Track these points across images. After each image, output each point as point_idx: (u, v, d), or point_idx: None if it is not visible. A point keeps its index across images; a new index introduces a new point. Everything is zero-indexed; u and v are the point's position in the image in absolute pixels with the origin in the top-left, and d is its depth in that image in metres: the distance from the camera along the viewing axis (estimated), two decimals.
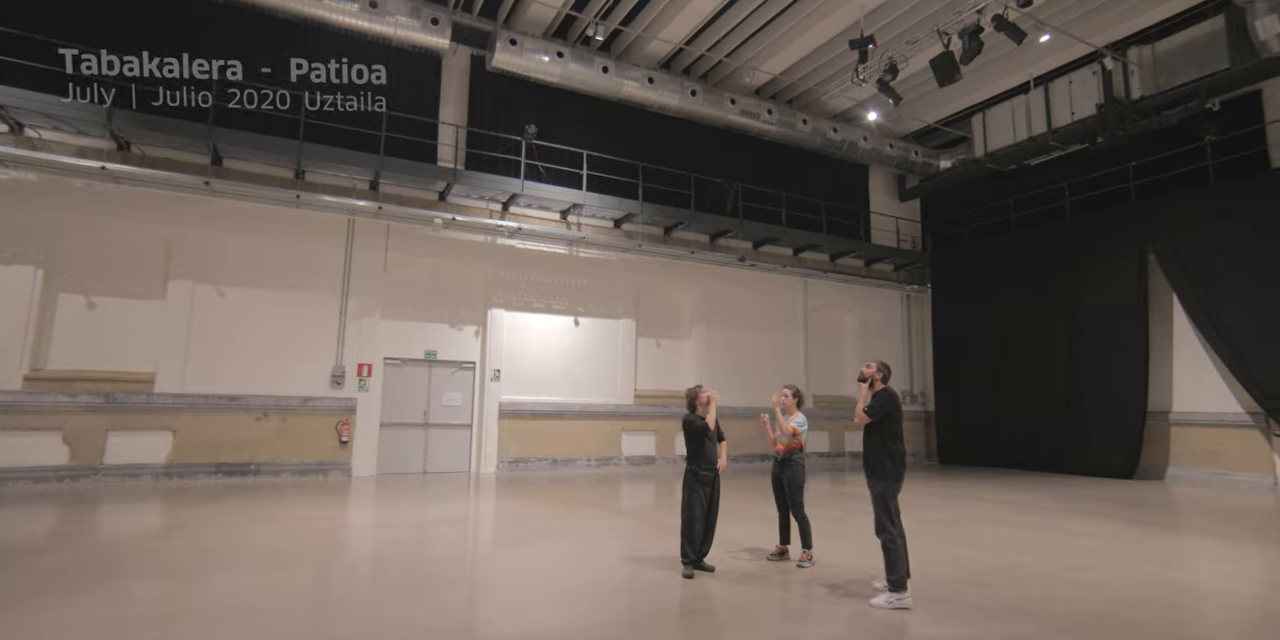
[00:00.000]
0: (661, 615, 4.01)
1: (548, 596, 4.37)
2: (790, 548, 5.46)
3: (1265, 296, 11.00)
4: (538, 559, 5.57)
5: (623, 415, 13.47)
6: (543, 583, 4.78)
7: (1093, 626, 3.80)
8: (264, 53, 10.84)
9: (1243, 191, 11.77)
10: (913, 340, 17.78)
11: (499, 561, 5.64)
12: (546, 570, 5.19)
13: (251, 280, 11.01)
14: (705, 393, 5.34)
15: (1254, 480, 11.49)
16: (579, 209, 13.15)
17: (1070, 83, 14.03)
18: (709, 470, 5.15)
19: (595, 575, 5.06)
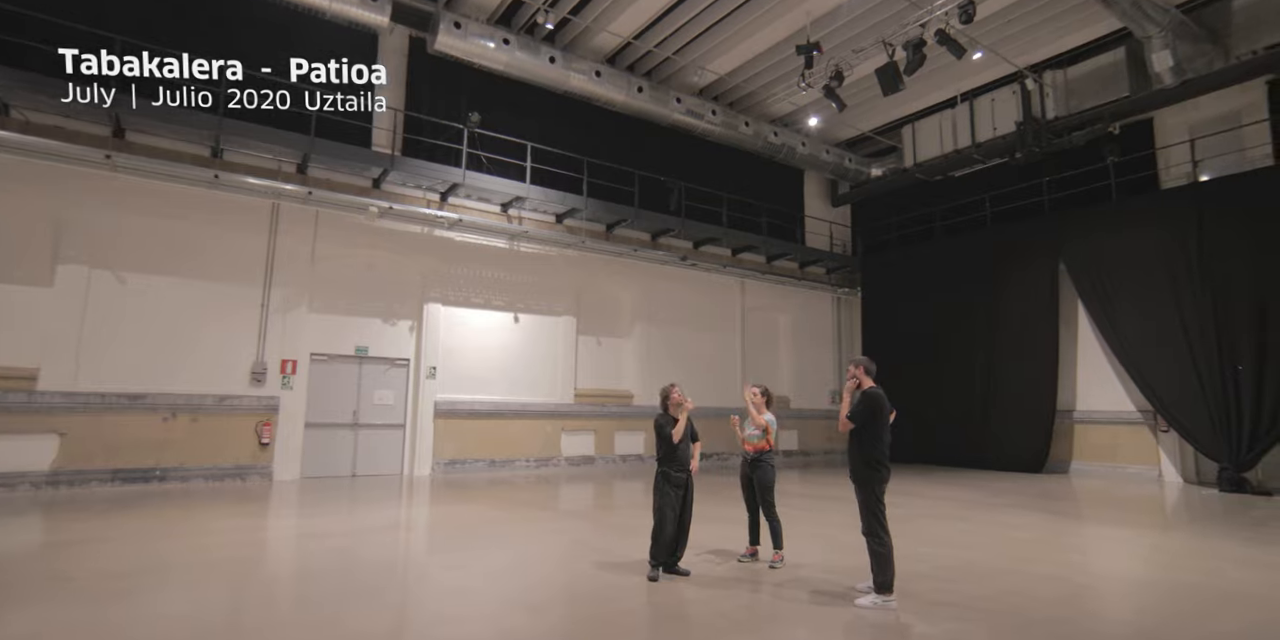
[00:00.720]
0: (637, 622, 3.86)
1: (504, 607, 4.11)
2: (760, 548, 5.42)
3: (1157, 305, 12.02)
4: (488, 567, 5.22)
5: (562, 414, 13.19)
6: (496, 592, 4.49)
7: (1064, 620, 3.95)
8: (182, 21, 9.91)
9: (1138, 209, 12.82)
10: (842, 342, 18.39)
11: (443, 571, 5.22)
12: (500, 579, 4.89)
13: (160, 267, 10.01)
14: (677, 393, 5.23)
15: (1143, 472, 12.56)
16: (521, 202, 12.78)
17: (993, 100, 14.86)
18: (680, 472, 5.03)
19: (556, 582, 4.86)
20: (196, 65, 9.05)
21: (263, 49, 10.07)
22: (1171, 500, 9.93)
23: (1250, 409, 10.79)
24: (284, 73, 9.47)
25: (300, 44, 10.50)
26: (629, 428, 14.00)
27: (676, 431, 4.99)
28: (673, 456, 5.02)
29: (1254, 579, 5.08)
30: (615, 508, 8.95)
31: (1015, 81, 14.26)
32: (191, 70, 9.02)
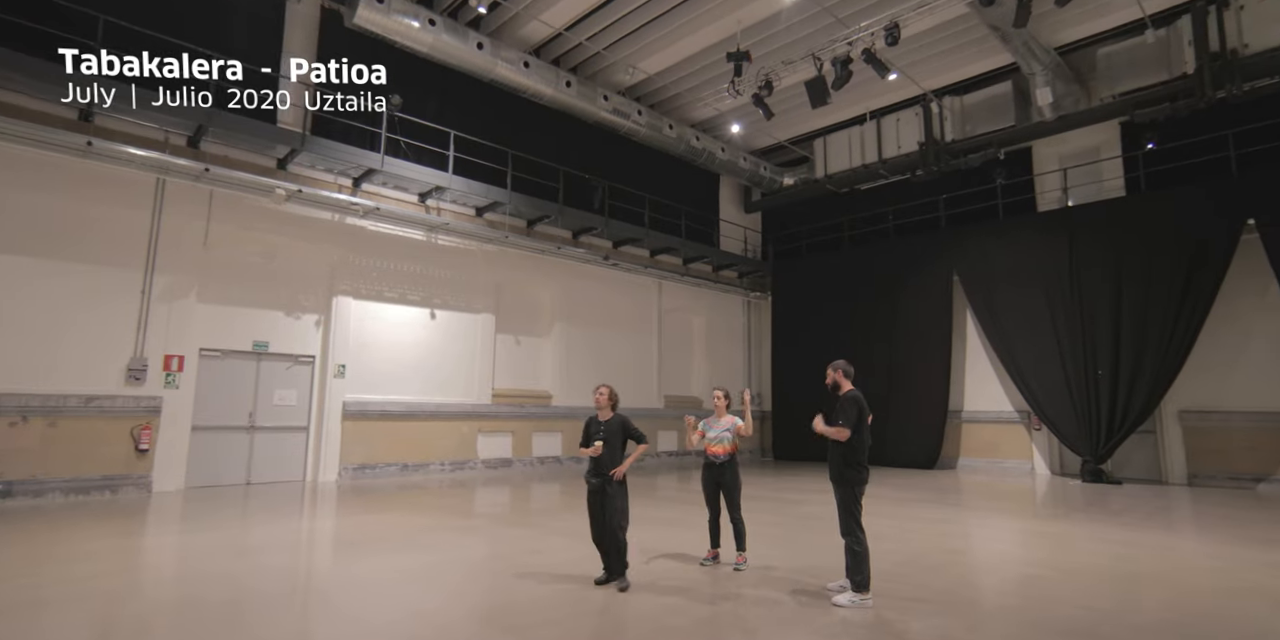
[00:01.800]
0: (626, 636, 3.73)
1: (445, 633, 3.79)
2: (720, 551, 5.43)
3: (1036, 315, 13.33)
4: (399, 584, 4.67)
5: (479, 416, 12.69)
6: (405, 615, 3.97)
7: (1025, 608, 4.24)
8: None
9: (1020, 228, 14.18)
10: (752, 344, 18.99)
11: (346, 592, 4.57)
12: (411, 598, 4.37)
13: (17, 245, 8.61)
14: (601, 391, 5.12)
15: (1018, 466, 13.91)
16: (441, 193, 12.15)
17: (898, 120, 15.90)
18: (594, 477, 4.87)
19: (477, 600, 4.44)
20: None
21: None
22: (1049, 491, 11.03)
23: (1107, 408, 12.21)
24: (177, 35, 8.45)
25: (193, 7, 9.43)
26: (547, 429, 13.70)
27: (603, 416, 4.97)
28: (592, 460, 4.89)
29: (1150, 559, 5.71)
30: (536, 513, 8.64)
31: (918, 104, 15.34)
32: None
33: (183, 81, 9.09)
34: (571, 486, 10.80)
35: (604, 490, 4.77)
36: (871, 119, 16.27)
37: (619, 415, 5.04)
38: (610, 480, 4.77)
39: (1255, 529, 7.53)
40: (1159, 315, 11.85)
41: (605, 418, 5.00)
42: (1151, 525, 7.74)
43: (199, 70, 8.95)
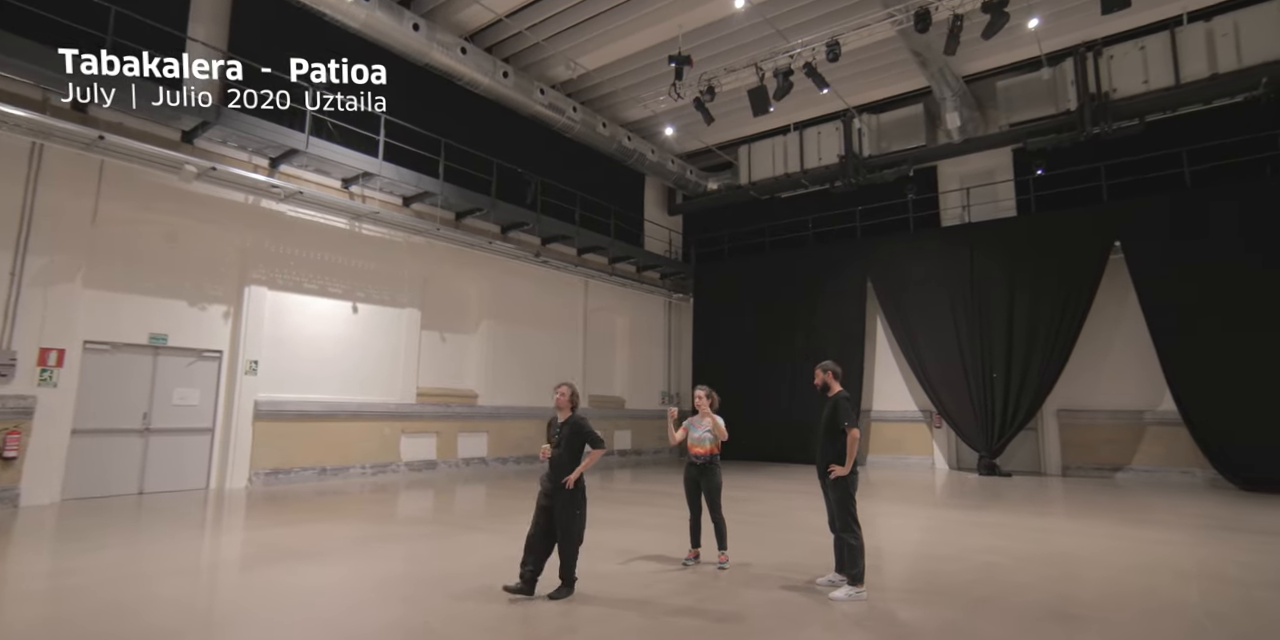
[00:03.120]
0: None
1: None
2: (700, 550, 5.47)
3: (940, 321, 14.45)
4: (313, 607, 4.15)
5: (403, 416, 12.05)
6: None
7: (998, 595, 4.58)
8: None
9: (927, 240, 15.31)
10: (672, 345, 19.27)
11: (249, 620, 3.98)
12: (360, 624, 3.83)
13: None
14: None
15: (921, 461, 15.03)
16: (369, 179, 11.43)
17: (819, 133, 16.71)
18: (545, 482, 4.55)
19: (403, 622, 3.99)
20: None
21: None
22: (955, 484, 11.99)
23: (1000, 408, 13.46)
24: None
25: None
26: (473, 430, 13.23)
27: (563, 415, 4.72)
28: (550, 463, 4.58)
29: (1071, 542, 6.36)
30: (465, 518, 8.28)
31: (839, 119, 16.19)
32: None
33: (73, 34, 8.02)
34: (498, 489, 10.50)
35: (553, 497, 4.45)
36: (795, 130, 16.99)
37: (576, 416, 4.70)
38: (562, 488, 4.43)
39: (1133, 512, 8.57)
40: (1044, 323, 13.20)
41: (564, 418, 4.67)
42: (1056, 512, 8.61)
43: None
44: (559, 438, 4.61)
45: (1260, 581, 5.03)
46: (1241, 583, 5.00)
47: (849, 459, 4.58)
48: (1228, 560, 5.76)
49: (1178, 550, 6.24)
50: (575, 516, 4.46)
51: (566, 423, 4.66)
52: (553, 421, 4.72)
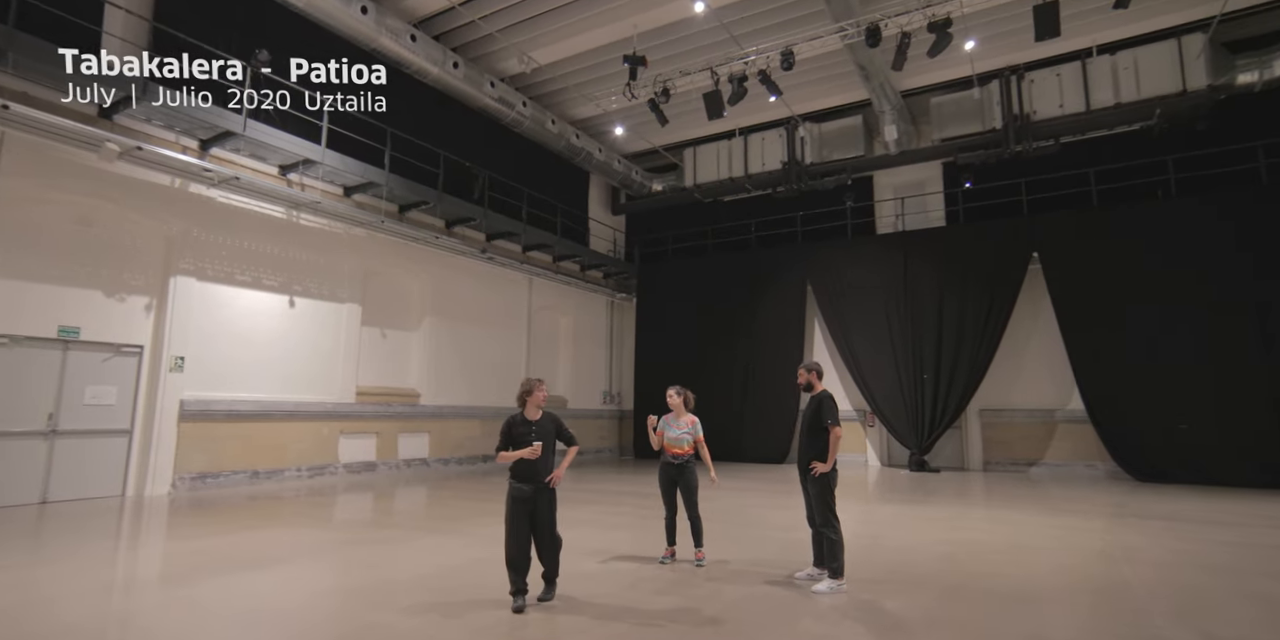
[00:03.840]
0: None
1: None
2: (676, 548, 5.52)
3: (876, 324, 15.12)
4: (277, 626, 3.83)
5: (342, 415, 11.52)
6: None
7: (963, 582, 4.84)
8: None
9: (864, 246, 16.00)
10: (614, 345, 19.27)
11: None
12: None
13: None
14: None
15: (855, 459, 15.67)
16: (310, 167, 10.87)
17: (763, 139, 17.13)
18: (523, 483, 4.28)
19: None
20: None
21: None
22: (890, 480, 12.57)
23: (930, 407, 14.22)
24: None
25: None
26: (414, 430, 12.81)
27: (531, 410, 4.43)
28: (518, 465, 4.30)
29: (1011, 533, 6.81)
30: (416, 521, 8.01)
31: (783, 126, 16.66)
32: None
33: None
34: (444, 490, 10.20)
35: (536, 499, 4.26)
36: (740, 135, 17.35)
37: (550, 414, 4.56)
38: (545, 488, 4.30)
39: (1055, 503, 9.26)
40: (971, 328, 14.04)
41: (535, 417, 4.46)
42: (990, 504, 9.18)
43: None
44: (538, 436, 4.48)
45: (1182, 563, 5.56)
46: (1168, 565, 5.50)
47: (831, 456, 4.73)
48: (1150, 545, 6.32)
49: (1104, 537, 6.79)
50: (556, 516, 4.38)
51: (541, 421, 4.51)
52: (518, 421, 4.42)
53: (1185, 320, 12.20)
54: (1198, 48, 12.86)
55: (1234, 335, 11.85)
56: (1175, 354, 12.20)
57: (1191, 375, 12.02)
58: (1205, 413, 11.84)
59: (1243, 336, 11.80)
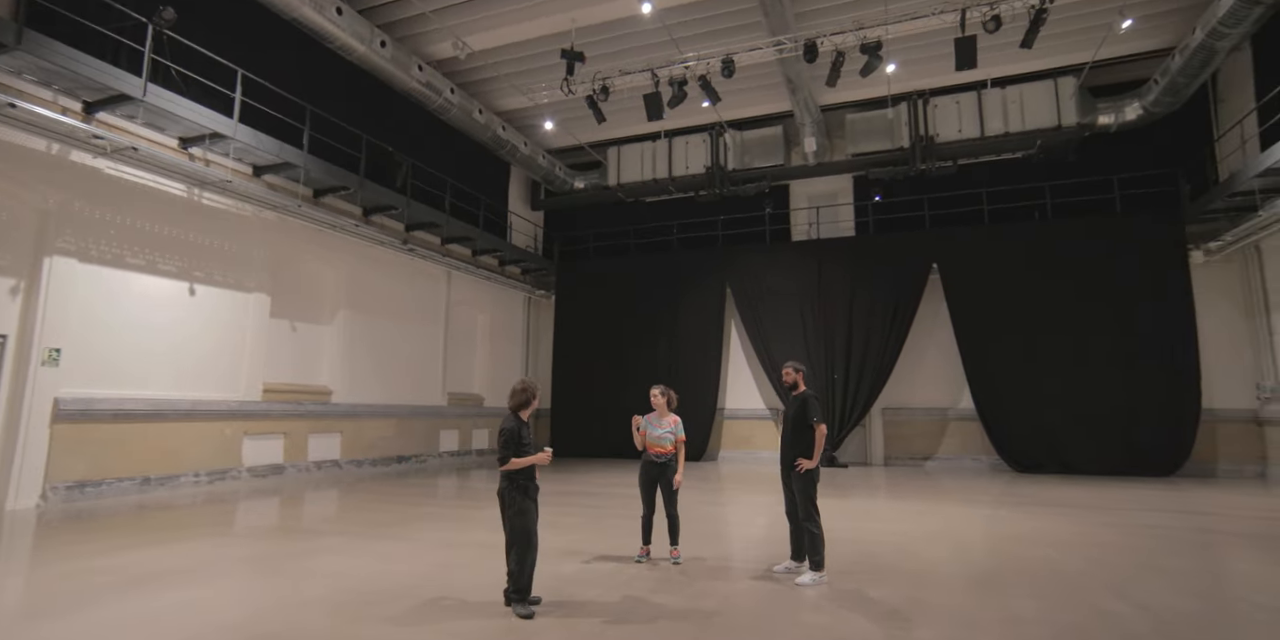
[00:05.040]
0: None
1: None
2: (651, 547, 5.51)
3: (791, 327, 15.84)
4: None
5: (247, 415, 10.55)
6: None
7: (926, 570, 5.18)
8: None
9: (781, 252, 16.71)
10: (531, 343, 18.93)
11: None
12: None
13: None
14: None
15: (769, 456, 16.25)
16: (216, 142, 9.86)
17: (687, 143, 17.46)
18: (536, 482, 4.25)
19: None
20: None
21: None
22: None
23: (840, 405, 15.09)
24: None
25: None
26: (326, 430, 11.96)
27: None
28: (525, 471, 4.15)
29: (938, 522, 7.37)
30: (346, 532, 7.45)
31: (707, 131, 17.06)
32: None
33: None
34: (362, 495, 9.56)
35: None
36: (665, 137, 17.57)
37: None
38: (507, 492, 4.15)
39: (961, 494, 10.12)
40: (877, 332, 15.04)
41: (528, 416, 4.35)
42: (905, 497, 9.86)
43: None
44: (534, 440, 4.38)
45: (1087, 544, 6.25)
46: (1078, 546, 6.16)
47: (817, 453, 4.92)
48: (1055, 529, 7.06)
49: (1016, 523, 7.50)
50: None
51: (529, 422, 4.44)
52: (523, 427, 4.21)
53: (1058, 329, 13.75)
54: (1070, 89, 14.51)
55: (1095, 343, 13.50)
56: (1049, 359, 13.71)
57: (1061, 378, 13.56)
58: (1071, 412, 13.41)
59: (1103, 344, 13.47)
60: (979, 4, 10.05)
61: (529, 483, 4.18)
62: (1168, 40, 13.10)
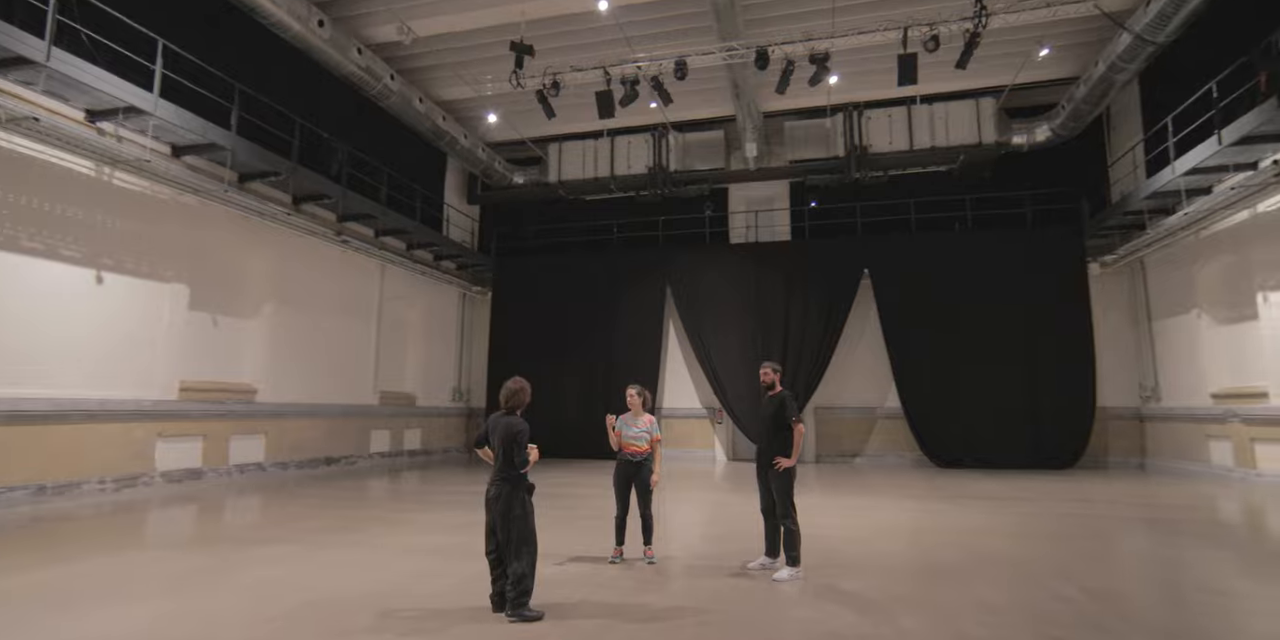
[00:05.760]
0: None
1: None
2: (624, 548, 5.48)
3: (729, 326, 16.17)
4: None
5: (161, 415, 9.73)
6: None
7: (889, 564, 5.39)
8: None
9: (720, 253, 17.03)
10: (465, 340, 18.42)
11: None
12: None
13: None
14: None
15: (705, 454, 16.60)
16: (132, 117, 9.04)
17: (629, 143, 17.49)
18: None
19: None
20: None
21: None
22: (745, 473, 13.48)
23: None
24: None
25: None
26: (250, 431, 11.20)
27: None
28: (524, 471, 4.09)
29: (882, 517, 7.71)
30: (289, 538, 6.88)
31: (650, 132, 17.14)
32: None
33: None
34: (293, 499, 9.00)
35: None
36: (608, 136, 17.52)
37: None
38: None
39: (893, 489, 10.62)
40: (812, 333, 15.59)
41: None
42: (844, 493, 10.26)
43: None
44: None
45: (1020, 533, 6.72)
46: (1014, 536, 6.61)
47: (795, 451, 5.03)
48: (989, 520, 7.54)
49: (956, 516, 7.94)
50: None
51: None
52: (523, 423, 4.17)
53: (976, 332, 14.69)
54: (990, 110, 15.55)
55: (1008, 346, 14.54)
56: (968, 360, 14.65)
57: (978, 378, 14.52)
58: (986, 410, 14.39)
59: (1015, 347, 14.52)
60: (920, 24, 10.59)
61: (528, 481, 4.11)
62: (1076, 70, 14.25)
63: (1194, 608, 4.30)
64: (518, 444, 4.00)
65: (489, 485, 4.09)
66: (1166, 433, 13.99)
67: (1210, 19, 10.85)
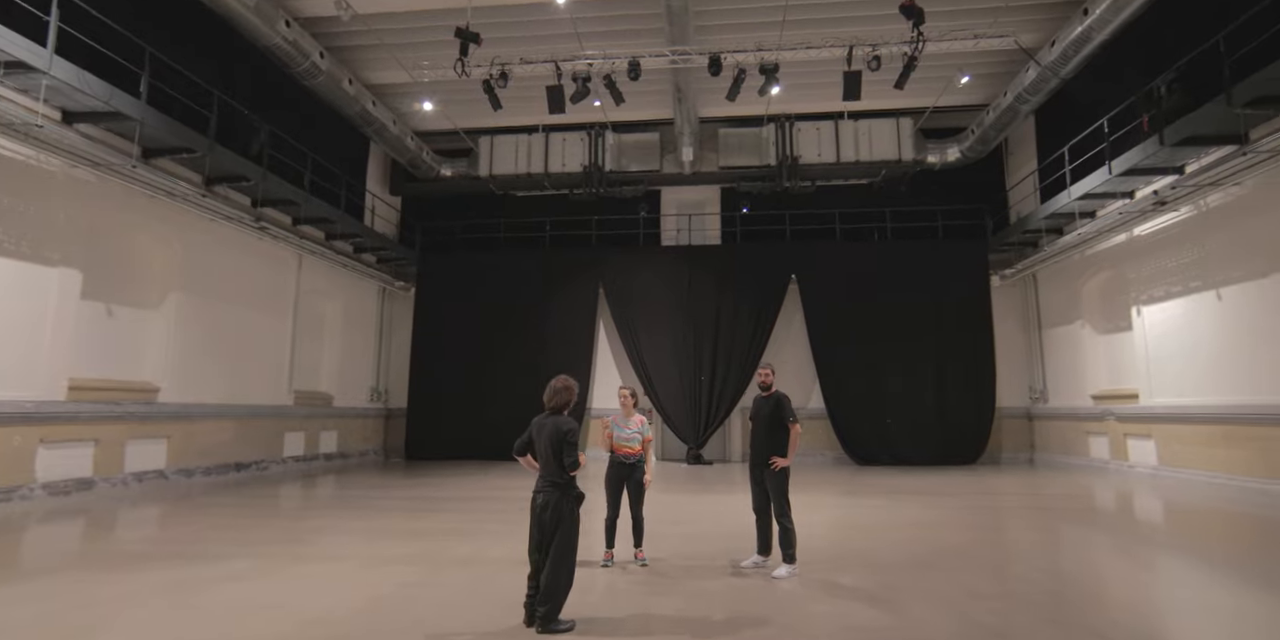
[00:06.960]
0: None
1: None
2: (614, 551, 5.36)
3: (662, 328, 16.29)
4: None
5: (44, 418, 8.54)
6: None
7: (874, 559, 5.60)
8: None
9: (653, 254, 17.14)
10: (384, 337, 17.48)
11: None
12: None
13: None
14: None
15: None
16: (18, 75, 7.90)
17: (564, 140, 17.26)
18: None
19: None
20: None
21: None
22: (679, 472, 13.63)
23: (706, 405, 15.82)
24: None
25: None
26: (150, 435, 10.07)
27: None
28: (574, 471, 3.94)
29: (839, 514, 8.01)
30: (238, 554, 6.24)
31: (588, 130, 16.99)
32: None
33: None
34: (197, 508, 8.13)
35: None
36: (543, 132, 17.20)
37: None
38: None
39: (829, 486, 11.05)
40: (741, 335, 16.01)
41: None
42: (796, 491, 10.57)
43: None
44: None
45: (966, 525, 7.21)
46: (962, 527, 7.08)
47: (792, 451, 5.11)
48: (933, 514, 8.02)
49: (902, 511, 8.36)
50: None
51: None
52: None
53: (891, 336, 15.63)
54: (909, 129, 16.63)
55: (920, 350, 15.58)
56: (884, 363, 15.56)
57: (893, 380, 15.47)
58: (900, 410, 15.35)
59: (926, 351, 15.58)
60: (863, 44, 11.15)
61: (577, 487, 3.94)
62: (986, 98, 15.50)
63: (1140, 584, 4.77)
64: (568, 443, 3.83)
65: (535, 493, 3.89)
66: (1053, 430, 15.49)
67: (1103, 62, 12.15)
